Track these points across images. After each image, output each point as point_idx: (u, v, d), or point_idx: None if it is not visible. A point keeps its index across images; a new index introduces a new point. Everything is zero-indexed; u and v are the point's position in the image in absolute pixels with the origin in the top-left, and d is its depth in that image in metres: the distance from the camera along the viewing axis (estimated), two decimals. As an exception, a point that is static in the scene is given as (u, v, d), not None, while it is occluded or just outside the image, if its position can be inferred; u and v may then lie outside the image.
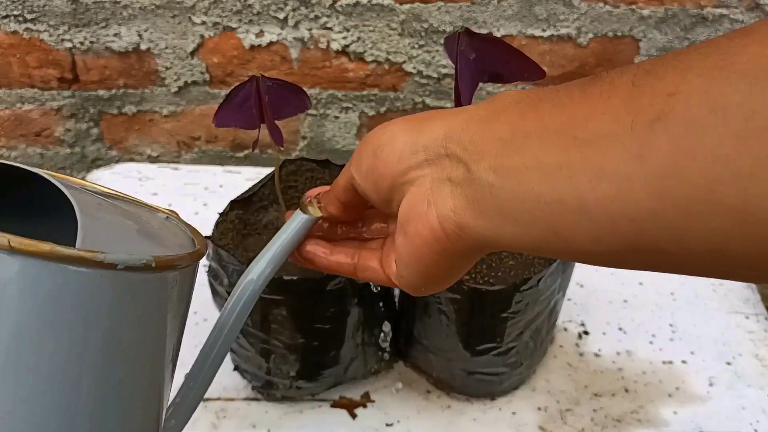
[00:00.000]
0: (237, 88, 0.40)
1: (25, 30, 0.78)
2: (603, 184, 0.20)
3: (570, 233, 0.22)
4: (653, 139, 0.19)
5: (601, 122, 0.20)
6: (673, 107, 0.19)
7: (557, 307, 0.53)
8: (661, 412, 0.54)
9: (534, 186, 0.22)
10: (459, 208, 0.25)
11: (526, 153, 0.23)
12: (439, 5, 0.76)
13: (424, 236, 0.27)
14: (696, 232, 0.19)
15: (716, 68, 0.18)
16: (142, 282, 0.23)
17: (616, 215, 0.20)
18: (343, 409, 0.54)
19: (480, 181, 0.24)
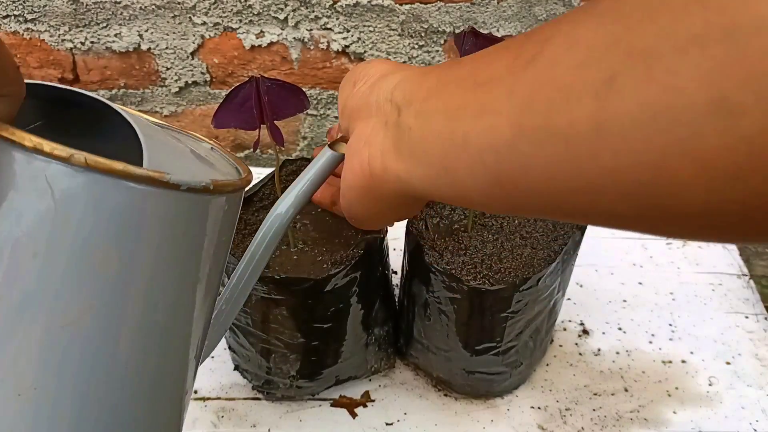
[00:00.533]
0: (236, 89, 0.40)
1: (26, 30, 0.78)
2: (482, 119, 0.22)
3: (455, 169, 0.24)
4: (523, 77, 0.21)
5: (494, 67, 0.23)
6: (543, 48, 0.20)
7: (557, 306, 0.53)
8: (661, 412, 0.54)
9: (437, 126, 0.24)
10: (386, 150, 0.28)
11: (439, 98, 0.25)
12: (439, 6, 0.76)
13: (356, 172, 0.29)
14: (537, 160, 0.20)
15: (581, 12, 0.20)
16: (200, 203, 0.25)
17: (484, 147, 0.22)
18: (343, 408, 0.54)
19: (404, 125, 0.27)
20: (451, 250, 0.48)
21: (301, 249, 0.47)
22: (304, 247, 0.48)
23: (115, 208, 0.22)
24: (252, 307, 0.47)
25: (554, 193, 0.21)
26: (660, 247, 0.69)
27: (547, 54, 0.20)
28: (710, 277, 0.66)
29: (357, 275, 0.46)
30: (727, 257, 0.68)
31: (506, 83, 0.22)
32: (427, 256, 0.47)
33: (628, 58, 0.17)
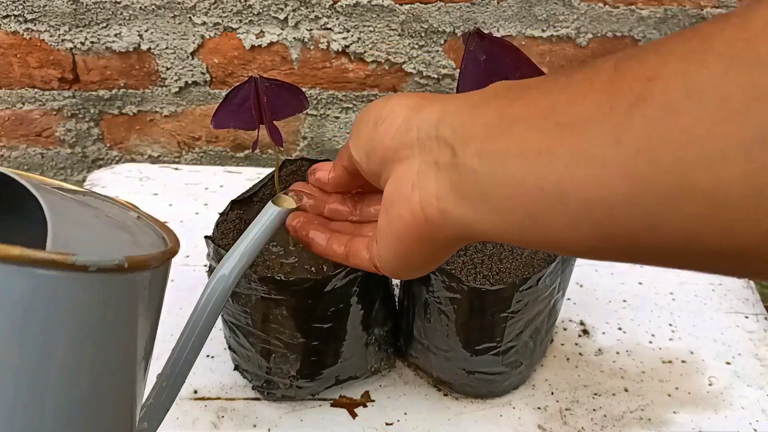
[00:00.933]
0: (235, 89, 0.40)
1: (26, 30, 0.78)
2: (580, 169, 0.20)
3: (548, 221, 0.22)
4: (630, 123, 0.19)
5: (582, 107, 0.20)
6: (652, 91, 0.18)
7: (557, 306, 0.53)
8: (661, 412, 0.54)
9: (515, 171, 0.22)
10: (442, 194, 0.25)
11: (510, 138, 0.22)
12: (439, 6, 0.76)
13: (406, 219, 0.26)
14: (669, 218, 0.18)
15: (695, 52, 0.18)
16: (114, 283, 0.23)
17: (592, 201, 0.20)
18: (343, 408, 0.54)
19: (464, 166, 0.24)
20: (451, 250, 0.48)
21: (301, 249, 0.47)
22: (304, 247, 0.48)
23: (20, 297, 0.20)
24: (252, 307, 0.47)
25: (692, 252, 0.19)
26: (660, 247, 0.69)
27: (659, 98, 0.18)
28: (710, 277, 0.66)
29: (357, 275, 0.46)
30: (727, 257, 0.68)
31: (606, 128, 0.19)
32: (427, 256, 0.47)
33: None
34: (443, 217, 0.25)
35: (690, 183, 0.17)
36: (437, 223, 0.26)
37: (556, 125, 0.21)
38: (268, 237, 0.32)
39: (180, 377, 0.31)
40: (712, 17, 0.19)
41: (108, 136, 0.88)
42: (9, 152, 0.89)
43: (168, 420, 0.52)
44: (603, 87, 0.20)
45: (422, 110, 0.26)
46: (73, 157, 0.90)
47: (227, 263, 0.31)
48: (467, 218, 0.24)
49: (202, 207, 0.73)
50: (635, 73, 0.19)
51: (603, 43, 0.79)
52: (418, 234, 0.26)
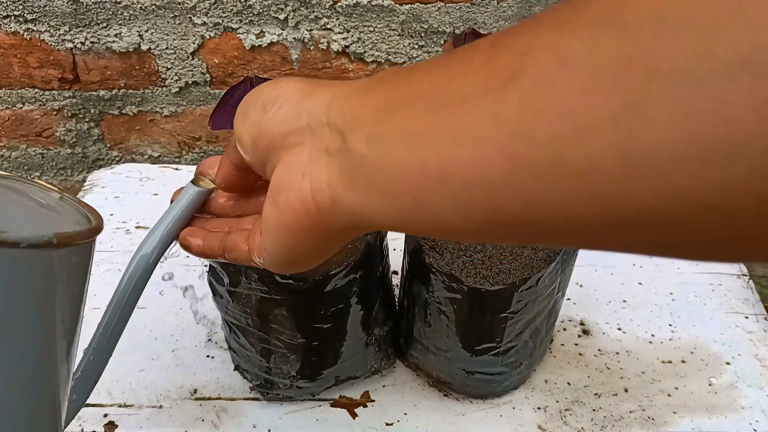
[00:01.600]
0: (231, 90, 0.40)
1: (26, 30, 0.78)
2: (461, 148, 0.19)
3: (434, 205, 0.21)
4: (506, 99, 0.18)
5: (460, 85, 0.20)
6: (525, 65, 0.18)
7: (557, 306, 0.53)
8: (661, 412, 0.54)
9: (400, 155, 0.21)
10: (333, 181, 0.24)
11: (394, 121, 0.22)
12: (439, 6, 0.76)
13: (296, 208, 0.25)
14: (546, 195, 0.18)
15: (564, 22, 0.17)
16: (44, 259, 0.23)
17: (473, 181, 0.19)
18: (343, 408, 0.54)
19: (354, 152, 0.23)
20: (451, 251, 0.48)
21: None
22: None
23: None
24: (252, 307, 0.47)
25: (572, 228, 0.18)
26: (660, 247, 0.69)
27: (533, 72, 0.18)
28: (710, 277, 0.66)
29: (357, 275, 0.46)
30: (727, 257, 0.68)
31: (484, 106, 0.19)
32: (427, 256, 0.47)
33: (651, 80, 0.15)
34: (334, 205, 0.24)
35: (564, 158, 0.17)
36: (329, 212, 0.25)
37: (436, 105, 0.20)
38: (188, 216, 0.33)
39: (105, 353, 0.32)
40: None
41: (108, 136, 0.88)
42: (9, 152, 0.89)
43: (168, 420, 0.52)
44: (480, 65, 0.19)
45: (313, 95, 0.26)
46: (73, 157, 0.90)
47: (148, 242, 0.32)
48: (358, 206, 0.24)
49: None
50: (510, 49, 0.19)
51: (603, 43, 0.79)
52: (308, 223, 0.26)
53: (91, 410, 0.53)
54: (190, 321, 0.60)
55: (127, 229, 0.70)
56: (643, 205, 0.16)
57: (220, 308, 0.50)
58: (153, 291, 0.62)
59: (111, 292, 0.34)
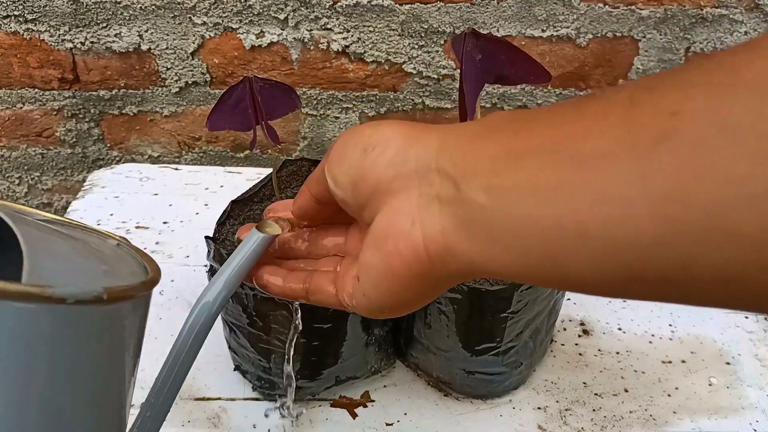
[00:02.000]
0: (229, 90, 0.40)
1: (26, 30, 0.78)
2: (604, 207, 0.19)
3: (569, 261, 0.20)
4: (656, 160, 0.18)
5: (599, 141, 0.19)
6: (677, 126, 0.17)
7: (557, 306, 0.53)
8: (661, 412, 0.54)
9: (529, 209, 0.21)
10: (448, 230, 0.23)
11: (519, 173, 0.21)
12: (439, 6, 0.76)
13: (405, 256, 0.25)
14: (707, 260, 0.17)
15: (722, 85, 0.17)
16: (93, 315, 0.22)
17: (619, 242, 0.19)
18: (343, 408, 0.54)
19: (471, 201, 0.22)
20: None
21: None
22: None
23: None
24: (252, 308, 0.47)
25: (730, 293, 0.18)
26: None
27: (686, 134, 0.17)
28: (710, 277, 0.66)
29: (357, 275, 0.46)
30: (727, 257, 0.68)
31: (629, 165, 0.18)
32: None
33: None
34: (449, 254, 0.24)
35: (731, 224, 0.16)
36: (442, 260, 0.24)
37: (570, 159, 0.20)
38: (252, 263, 0.31)
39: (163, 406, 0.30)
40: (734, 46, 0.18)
41: (108, 137, 0.88)
42: (9, 152, 0.89)
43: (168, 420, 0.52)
44: (620, 120, 0.19)
45: (419, 140, 0.25)
46: (74, 157, 0.90)
47: (211, 290, 0.30)
48: (475, 256, 0.23)
49: (202, 207, 0.73)
50: (656, 107, 0.18)
51: (603, 43, 0.79)
52: (419, 271, 0.25)
53: (91, 410, 0.53)
54: (190, 321, 0.60)
55: (127, 229, 0.70)
56: None
57: (220, 308, 0.50)
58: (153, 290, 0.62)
59: None
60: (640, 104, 0.19)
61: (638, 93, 0.19)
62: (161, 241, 0.68)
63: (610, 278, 0.20)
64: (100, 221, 0.71)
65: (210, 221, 0.50)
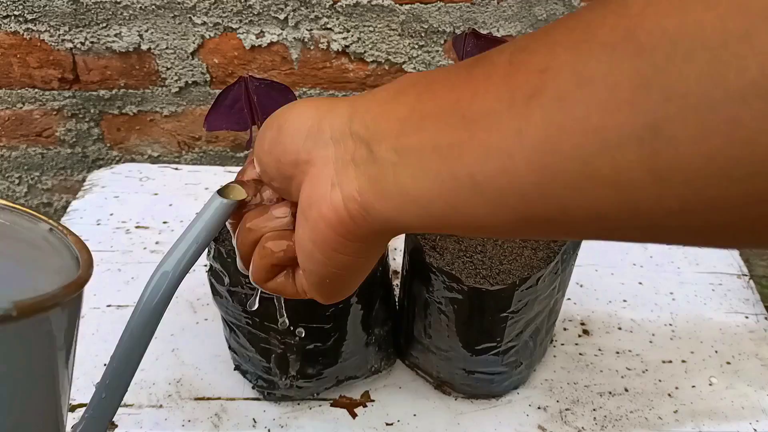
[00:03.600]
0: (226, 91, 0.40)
1: (26, 30, 0.78)
2: (489, 161, 0.21)
3: (468, 209, 0.22)
4: (529, 115, 0.19)
5: (484, 101, 0.21)
6: (545, 83, 0.19)
7: (557, 306, 0.53)
8: (661, 412, 0.54)
9: (431, 165, 0.23)
10: (363, 189, 0.25)
11: (423, 133, 0.23)
12: (439, 6, 0.76)
13: (328, 219, 0.26)
14: (578, 202, 0.19)
15: (581, 41, 0.18)
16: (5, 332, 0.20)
17: (505, 190, 0.21)
18: (343, 408, 0.54)
19: (383, 161, 0.24)
20: (451, 251, 0.48)
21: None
22: None
23: None
24: (252, 307, 0.47)
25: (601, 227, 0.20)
26: (660, 247, 0.69)
27: (553, 90, 0.19)
28: (710, 277, 0.66)
29: (357, 275, 0.46)
30: (727, 257, 0.68)
31: (507, 121, 0.20)
32: (427, 256, 0.47)
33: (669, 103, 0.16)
34: (366, 212, 0.25)
35: (592, 169, 0.18)
36: (361, 218, 0.25)
37: (462, 119, 0.22)
38: (216, 230, 0.29)
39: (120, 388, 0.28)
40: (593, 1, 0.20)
41: (108, 136, 0.88)
42: (9, 152, 0.89)
43: (168, 420, 0.52)
44: (501, 80, 0.21)
45: (332, 110, 0.27)
46: (73, 157, 0.90)
47: (169, 260, 0.28)
48: (390, 212, 0.25)
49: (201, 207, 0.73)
50: (528, 66, 0.20)
51: (603, 43, 0.79)
52: (343, 231, 0.26)
53: (91, 410, 0.53)
54: (190, 321, 0.60)
55: (127, 229, 0.70)
56: (674, 211, 0.17)
57: (221, 308, 0.50)
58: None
59: (111, 292, 0.31)
60: (516, 64, 0.20)
61: (516, 53, 0.21)
62: (161, 241, 0.68)
63: (503, 222, 0.22)
64: (100, 221, 0.71)
65: (210, 221, 0.50)
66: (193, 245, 0.29)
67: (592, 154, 0.18)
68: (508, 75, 0.20)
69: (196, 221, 0.29)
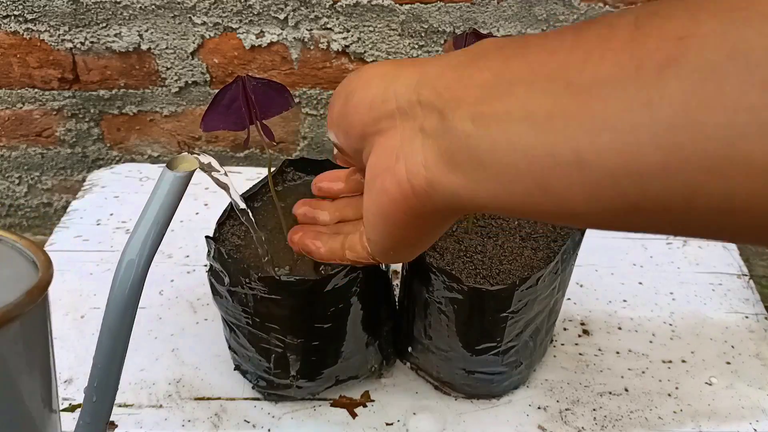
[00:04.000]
0: (223, 90, 0.40)
1: (26, 30, 0.78)
2: (604, 135, 0.18)
3: (562, 191, 0.20)
4: (663, 86, 0.17)
5: (599, 68, 0.18)
6: (685, 52, 0.17)
7: (557, 306, 0.53)
8: (661, 412, 0.54)
9: (520, 137, 0.20)
10: (430, 162, 0.23)
11: (510, 100, 0.20)
12: (439, 5, 0.76)
13: (391, 193, 0.24)
14: (711, 189, 0.17)
15: (734, 9, 0.16)
16: None
17: (619, 170, 0.18)
18: (343, 408, 0.54)
19: (455, 131, 0.22)
20: (451, 251, 0.48)
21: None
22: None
23: None
24: (252, 307, 0.47)
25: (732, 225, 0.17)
26: (660, 247, 0.69)
27: (696, 60, 0.16)
28: (710, 277, 0.66)
29: (357, 275, 0.46)
30: (727, 257, 0.68)
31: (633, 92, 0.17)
32: (427, 256, 0.47)
33: None
34: (431, 188, 0.23)
35: (739, 153, 0.16)
36: (426, 195, 0.24)
37: (567, 86, 0.19)
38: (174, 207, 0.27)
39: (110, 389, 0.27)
40: None
41: (108, 136, 0.88)
42: (9, 152, 0.89)
43: (168, 420, 0.52)
44: (623, 46, 0.18)
45: (398, 77, 0.24)
46: (73, 157, 0.90)
47: (131, 246, 0.26)
48: (460, 188, 0.22)
49: (202, 207, 0.73)
50: (663, 31, 0.17)
51: (603, 43, 0.79)
52: (405, 208, 0.24)
53: (91, 410, 0.53)
54: (190, 321, 0.60)
55: (127, 229, 0.70)
56: None
57: (221, 308, 0.50)
58: (153, 291, 0.62)
59: None
60: (644, 29, 0.18)
61: (643, 17, 0.18)
62: (161, 241, 0.68)
63: (604, 209, 0.19)
64: (100, 221, 0.71)
65: (210, 221, 0.50)
66: (154, 227, 0.27)
67: (743, 136, 0.16)
68: (633, 40, 0.18)
69: (151, 201, 0.27)
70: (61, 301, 0.61)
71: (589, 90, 0.18)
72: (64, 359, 0.56)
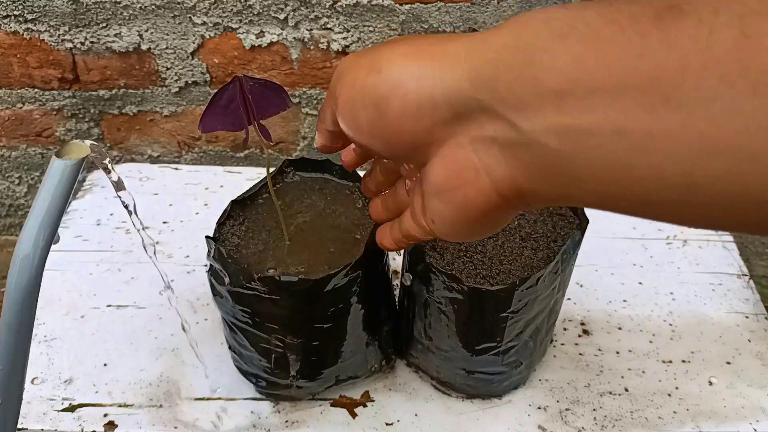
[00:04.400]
0: (220, 91, 0.40)
1: (26, 30, 0.78)
2: (718, 161, 0.16)
3: (671, 209, 0.18)
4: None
5: (703, 81, 0.16)
6: None
7: (557, 306, 0.53)
8: (661, 412, 0.54)
9: (617, 157, 0.18)
10: (519, 175, 0.21)
11: (596, 113, 0.18)
12: (439, 6, 0.76)
13: (479, 204, 0.24)
14: None
15: None
16: None
17: (737, 196, 0.16)
18: (344, 408, 0.54)
19: (539, 146, 0.20)
20: (451, 251, 0.48)
21: (300, 248, 0.47)
22: (304, 246, 0.48)
23: None
24: (252, 307, 0.47)
25: None
26: (660, 247, 0.69)
27: None
28: (710, 277, 0.66)
29: (357, 275, 0.46)
30: (727, 257, 0.68)
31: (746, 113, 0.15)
32: (427, 256, 0.47)
33: None
34: (524, 194, 0.22)
35: None
36: (517, 199, 0.23)
37: (666, 102, 0.17)
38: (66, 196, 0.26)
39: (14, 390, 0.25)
40: None
41: (108, 136, 0.88)
42: (9, 152, 0.89)
43: (168, 420, 0.52)
44: (728, 54, 0.15)
45: (440, 77, 0.22)
46: (73, 157, 0.90)
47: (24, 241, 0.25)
48: (553, 195, 0.21)
49: (202, 207, 0.73)
50: None
51: (603, 43, 0.79)
52: (495, 211, 0.24)
53: (91, 410, 0.53)
54: (190, 321, 0.60)
55: (127, 229, 0.70)
56: None
57: (221, 308, 0.50)
58: (152, 291, 0.62)
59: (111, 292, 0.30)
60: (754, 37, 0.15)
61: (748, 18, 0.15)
62: (161, 240, 0.68)
63: (717, 226, 0.18)
64: (99, 221, 0.71)
65: (210, 221, 0.50)
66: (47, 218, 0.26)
67: None
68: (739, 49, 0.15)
69: (41, 192, 0.26)
70: (61, 301, 0.61)
71: (693, 108, 0.16)
72: (64, 359, 0.56)
